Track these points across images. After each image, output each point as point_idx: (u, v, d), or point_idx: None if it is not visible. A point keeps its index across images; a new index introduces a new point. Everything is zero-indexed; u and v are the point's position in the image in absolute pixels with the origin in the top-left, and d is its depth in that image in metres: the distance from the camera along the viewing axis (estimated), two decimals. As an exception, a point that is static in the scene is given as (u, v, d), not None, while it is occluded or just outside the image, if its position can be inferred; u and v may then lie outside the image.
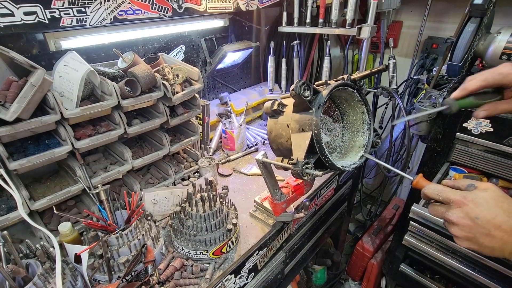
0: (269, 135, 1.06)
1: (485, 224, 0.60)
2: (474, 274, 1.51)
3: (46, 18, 1.10)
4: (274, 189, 1.19)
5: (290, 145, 0.94)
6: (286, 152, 1.01)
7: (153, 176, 1.56)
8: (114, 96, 1.19)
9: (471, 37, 1.54)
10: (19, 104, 0.96)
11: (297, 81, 0.83)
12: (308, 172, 0.85)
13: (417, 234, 1.72)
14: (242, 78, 2.48)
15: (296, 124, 0.92)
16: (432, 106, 1.67)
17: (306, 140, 0.87)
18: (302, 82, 0.83)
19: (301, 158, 0.85)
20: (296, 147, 0.90)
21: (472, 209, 0.61)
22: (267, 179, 1.16)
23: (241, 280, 1.25)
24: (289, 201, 1.26)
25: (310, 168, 0.85)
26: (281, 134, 0.99)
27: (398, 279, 2.14)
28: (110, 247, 1.03)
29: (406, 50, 2.59)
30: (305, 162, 0.85)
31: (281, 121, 1.00)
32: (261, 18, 2.31)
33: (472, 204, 0.61)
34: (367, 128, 1.04)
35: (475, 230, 0.62)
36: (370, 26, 1.63)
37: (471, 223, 0.62)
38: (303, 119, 0.90)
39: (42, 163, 1.10)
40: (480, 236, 0.62)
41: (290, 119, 0.95)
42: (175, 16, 1.48)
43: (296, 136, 0.92)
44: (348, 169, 0.96)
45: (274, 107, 1.00)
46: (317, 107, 0.87)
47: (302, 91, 0.84)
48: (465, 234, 0.64)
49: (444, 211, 0.66)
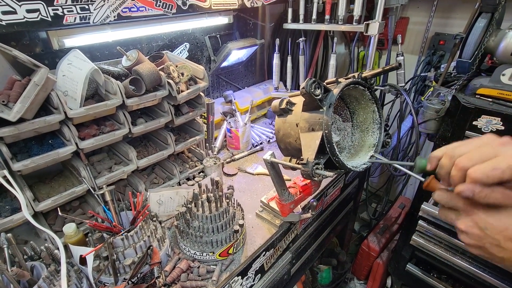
0: (277, 134, 1.03)
1: (495, 235, 0.58)
2: (484, 275, 1.48)
3: (49, 15, 1.08)
4: (282, 190, 1.17)
5: (299, 144, 0.92)
6: (294, 152, 0.99)
7: (158, 176, 1.54)
8: (119, 95, 1.17)
9: (482, 33, 1.50)
10: (23, 104, 0.94)
11: (307, 79, 0.80)
12: (318, 173, 0.82)
13: (425, 234, 1.70)
14: (246, 76, 2.45)
15: (305, 123, 0.90)
16: (441, 103, 1.64)
17: (316, 140, 0.84)
18: (312, 80, 0.81)
19: (311, 158, 0.83)
20: (306, 147, 0.87)
21: (482, 219, 0.58)
22: (275, 180, 1.14)
23: (248, 282, 1.23)
24: (297, 201, 1.24)
25: (320, 169, 0.83)
26: (290, 133, 0.97)
27: (404, 279, 2.12)
28: (116, 248, 1.01)
29: (412, 46, 2.55)
30: (316, 162, 0.83)
31: (290, 120, 0.97)
32: (265, 15, 2.28)
33: (483, 214, 0.59)
34: (378, 127, 1.02)
35: (485, 240, 0.59)
36: (378, 22, 1.59)
37: (480, 233, 0.59)
38: (313, 118, 0.88)
39: (46, 163, 1.08)
40: (490, 246, 0.59)
41: (300, 118, 0.92)
42: (180, 13, 1.45)
43: (305, 136, 0.89)
44: (359, 170, 0.93)
45: (283, 106, 0.98)
46: (328, 106, 0.85)
47: (312, 90, 0.82)
48: (474, 243, 0.61)
49: (454, 218, 0.64)
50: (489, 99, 1.42)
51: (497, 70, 1.42)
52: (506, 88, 1.36)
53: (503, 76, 1.38)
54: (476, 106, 1.39)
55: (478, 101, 1.42)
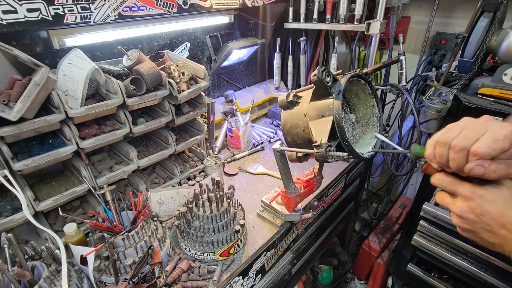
0: (284, 126, 1.06)
1: (489, 221, 0.58)
2: (485, 276, 1.48)
3: (50, 15, 1.08)
4: (289, 182, 1.18)
5: (307, 134, 0.96)
6: (302, 143, 1.02)
7: (159, 175, 1.54)
8: (119, 94, 1.17)
9: (484, 33, 1.50)
10: (23, 104, 0.94)
11: (318, 67, 0.85)
12: (331, 155, 0.85)
13: (427, 234, 1.69)
14: (247, 75, 2.45)
15: (315, 111, 0.94)
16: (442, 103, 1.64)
17: (328, 124, 0.88)
18: (323, 68, 0.86)
19: (324, 140, 0.87)
20: (317, 131, 0.92)
21: (479, 205, 0.59)
22: (282, 171, 1.15)
23: (249, 282, 1.23)
24: (302, 195, 1.23)
25: (333, 151, 0.86)
26: (298, 124, 1.01)
27: (405, 279, 2.11)
28: (117, 248, 1.01)
29: (413, 46, 2.54)
30: (329, 144, 0.86)
31: (297, 111, 1.01)
32: (266, 14, 2.28)
33: (480, 200, 0.59)
34: (377, 121, 1.06)
35: (478, 225, 0.60)
36: (379, 22, 1.59)
37: (475, 218, 0.60)
38: (322, 105, 0.92)
39: (47, 163, 1.08)
40: (482, 231, 0.60)
41: (308, 107, 0.97)
42: (180, 12, 1.45)
43: (316, 123, 0.94)
44: (365, 156, 0.96)
45: (290, 98, 1.02)
46: (337, 93, 0.90)
47: (324, 77, 0.86)
48: (467, 227, 0.62)
49: (450, 202, 0.64)
50: (491, 98, 1.41)
51: (499, 70, 1.41)
52: (508, 88, 1.35)
53: (505, 76, 1.38)
54: (478, 105, 1.38)
55: (480, 101, 1.41)
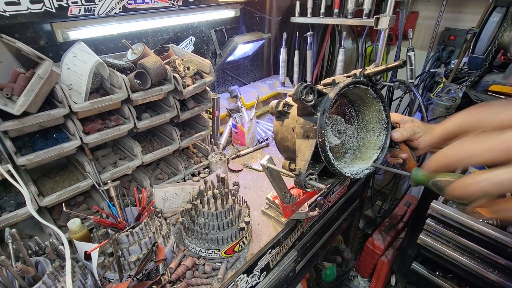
0: (275, 137, 0.97)
1: None
2: (492, 276, 1.46)
3: (54, 7, 1.06)
4: (283, 193, 1.13)
5: (295, 149, 0.86)
6: (293, 155, 0.92)
7: (163, 171, 1.53)
8: (124, 89, 1.15)
9: (496, 28, 1.46)
10: (27, 97, 0.92)
11: (298, 84, 0.73)
12: (311, 184, 0.77)
13: (433, 233, 1.67)
14: (252, 71, 2.42)
15: (301, 129, 0.84)
16: (451, 100, 1.61)
17: (310, 149, 0.78)
18: (304, 85, 0.74)
19: (303, 169, 0.77)
20: (300, 155, 0.82)
21: None
22: (274, 183, 1.08)
23: (253, 280, 1.22)
24: (299, 203, 1.21)
25: (314, 180, 0.77)
26: (287, 137, 0.91)
27: (409, 277, 2.10)
28: (121, 245, 1.00)
29: (421, 42, 2.50)
30: (309, 173, 0.77)
31: (287, 123, 0.91)
32: (272, 8, 2.24)
33: None
34: (384, 127, 0.93)
35: None
36: (389, 16, 1.55)
37: None
38: (307, 124, 0.81)
39: (50, 158, 1.07)
40: None
41: (296, 122, 0.86)
42: (186, 5, 1.42)
43: (301, 142, 0.83)
44: (359, 177, 0.87)
45: (279, 108, 0.91)
46: (322, 113, 0.77)
47: (304, 96, 0.74)
48: None
49: None
50: (502, 96, 1.38)
51: (511, 66, 1.38)
52: (520, 85, 1.33)
53: (518, 73, 1.35)
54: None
55: (490, 98, 1.38)
